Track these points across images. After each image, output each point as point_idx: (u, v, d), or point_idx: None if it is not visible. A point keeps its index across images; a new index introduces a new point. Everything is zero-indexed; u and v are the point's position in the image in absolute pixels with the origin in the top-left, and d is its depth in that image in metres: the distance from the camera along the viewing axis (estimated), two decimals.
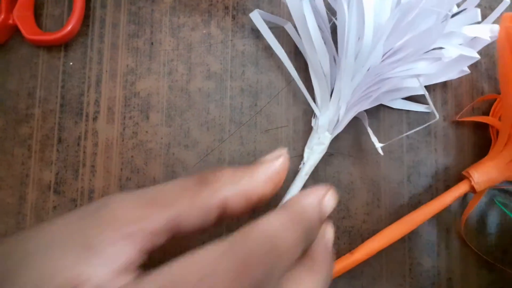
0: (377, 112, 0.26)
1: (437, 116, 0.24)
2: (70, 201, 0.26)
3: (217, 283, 0.15)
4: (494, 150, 0.24)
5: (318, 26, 0.23)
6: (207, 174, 0.18)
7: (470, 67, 0.26)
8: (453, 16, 0.21)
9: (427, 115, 0.26)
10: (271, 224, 0.17)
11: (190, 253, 0.15)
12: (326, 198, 0.19)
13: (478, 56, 0.22)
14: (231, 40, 0.27)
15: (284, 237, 0.17)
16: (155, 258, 0.17)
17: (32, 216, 0.26)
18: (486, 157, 0.25)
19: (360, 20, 0.20)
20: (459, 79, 0.26)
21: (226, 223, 0.25)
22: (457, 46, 0.22)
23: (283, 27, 0.26)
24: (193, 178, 0.18)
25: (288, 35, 0.27)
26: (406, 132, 0.26)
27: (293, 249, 0.17)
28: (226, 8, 0.27)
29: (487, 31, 0.22)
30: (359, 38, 0.21)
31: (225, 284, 0.15)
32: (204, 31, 0.27)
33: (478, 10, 0.22)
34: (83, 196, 0.26)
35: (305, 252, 0.19)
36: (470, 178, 0.24)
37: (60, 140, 0.27)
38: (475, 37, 0.22)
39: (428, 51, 0.22)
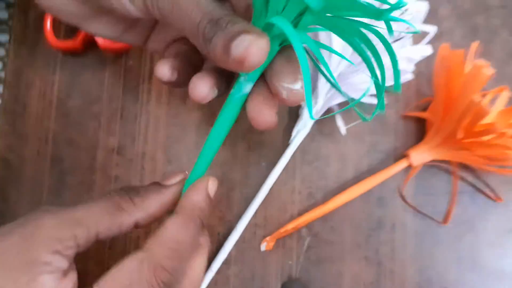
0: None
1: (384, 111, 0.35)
2: (128, 160, 0.37)
3: (141, 286, 0.21)
4: (427, 138, 0.35)
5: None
6: (123, 202, 0.23)
7: (417, 73, 0.37)
8: (395, 41, 0.32)
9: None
10: (169, 231, 0.22)
11: (115, 266, 0.21)
12: (209, 188, 0.25)
13: (409, 71, 0.33)
14: None
15: (183, 238, 0.22)
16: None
17: (101, 169, 0.37)
18: (421, 142, 0.35)
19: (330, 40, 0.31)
20: (408, 83, 0.37)
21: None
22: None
23: None
24: (112, 203, 0.23)
25: None
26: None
27: (192, 242, 0.23)
28: None
29: (418, 52, 0.33)
30: (330, 54, 0.32)
31: (147, 285, 0.21)
32: None
33: (410, 39, 0.33)
34: (138, 157, 0.37)
35: None
36: (409, 157, 0.35)
37: (121, 117, 0.37)
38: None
39: None
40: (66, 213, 0.22)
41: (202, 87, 0.23)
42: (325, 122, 0.37)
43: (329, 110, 0.36)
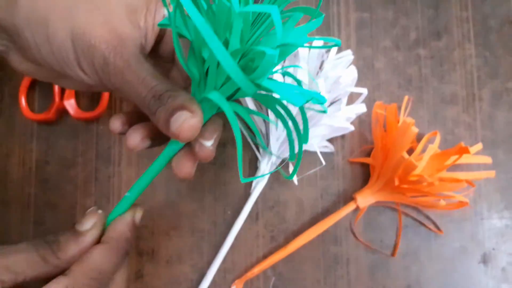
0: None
1: (333, 149, 0.39)
2: None
3: None
4: (371, 182, 0.40)
5: (257, 105, 0.38)
6: (47, 255, 0.24)
7: (359, 124, 0.41)
8: (330, 105, 0.37)
9: (332, 155, 0.41)
10: (94, 259, 0.24)
11: None
12: (136, 217, 0.27)
13: (351, 127, 0.38)
14: None
15: (106, 267, 0.24)
16: None
17: None
18: (366, 186, 0.40)
19: None
20: (352, 132, 0.41)
21: None
22: (336, 120, 0.37)
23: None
24: (38, 255, 0.24)
25: None
26: (319, 167, 0.41)
27: (115, 270, 0.25)
28: None
29: (354, 111, 0.37)
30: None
31: None
32: None
33: (343, 104, 0.37)
34: None
35: None
36: (356, 200, 0.39)
37: (96, 179, 0.41)
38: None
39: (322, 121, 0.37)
40: None
41: (134, 138, 0.26)
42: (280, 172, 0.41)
43: (283, 161, 0.40)
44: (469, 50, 0.43)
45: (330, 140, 0.41)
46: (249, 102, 0.38)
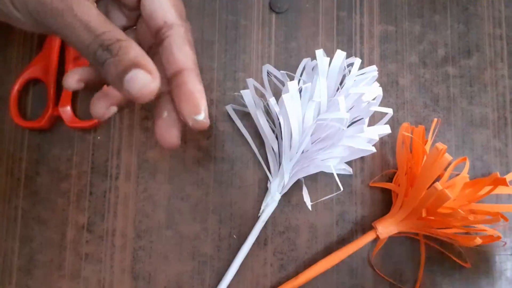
0: (316, 176, 0.38)
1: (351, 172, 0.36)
2: (99, 237, 0.37)
3: None
4: (393, 210, 0.36)
5: (268, 120, 0.35)
6: None
7: (380, 146, 0.38)
8: (349, 126, 0.33)
9: (350, 178, 0.38)
10: None
11: None
12: None
13: (373, 150, 0.34)
14: (215, 123, 0.39)
15: None
16: None
17: (71, 247, 0.36)
18: (387, 215, 0.36)
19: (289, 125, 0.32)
20: (373, 154, 0.38)
21: None
22: (357, 141, 0.34)
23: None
24: None
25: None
26: (336, 190, 0.38)
27: None
28: (211, 100, 0.39)
29: (377, 132, 0.34)
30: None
31: None
32: None
33: (365, 124, 0.34)
34: (108, 234, 0.37)
35: None
36: (376, 229, 0.35)
37: (91, 193, 0.37)
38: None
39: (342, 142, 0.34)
40: None
41: (99, 107, 0.25)
42: (293, 194, 0.37)
43: (298, 183, 0.37)
44: (501, 70, 0.40)
45: (349, 162, 0.38)
46: (260, 117, 0.35)
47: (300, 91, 0.33)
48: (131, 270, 0.36)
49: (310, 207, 0.36)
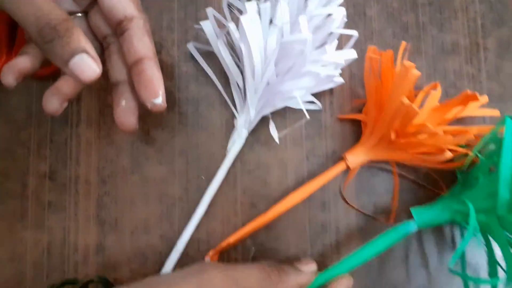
0: (285, 113, 0.37)
1: (320, 106, 0.34)
2: (62, 185, 0.35)
3: None
4: (363, 139, 0.35)
5: (232, 54, 0.33)
6: (273, 274, 0.28)
7: (349, 78, 0.37)
8: (317, 48, 0.32)
9: (319, 113, 0.37)
10: None
11: None
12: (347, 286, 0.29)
13: (340, 79, 0.33)
14: (178, 64, 0.37)
15: None
16: None
17: (33, 197, 0.35)
18: (357, 144, 0.35)
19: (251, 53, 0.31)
20: (342, 86, 0.37)
21: None
22: (323, 68, 0.32)
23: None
24: (265, 272, 0.28)
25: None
26: (306, 127, 0.36)
27: None
28: (173, 40, 0.37)
29: (343, 57, 0.32)
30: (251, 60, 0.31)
31: None
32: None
33: (334, 44, 0.32)
34: (71, 181, 0.35)
35: None
36: (346, 160, 0.34)
37: (52, 141, 0.36)
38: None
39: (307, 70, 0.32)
40: (230, 271, 0.27)
41: (53, 104, 0.27)
42: (261, 131, 0.36)
43: (266, 121, 0.36)
44: None
45: (317, 97, 0.36)
46: (222, 50, 0.33)
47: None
48: (96, 216, 0.35)
49: (277, 141, 0.35)
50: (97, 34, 0.29)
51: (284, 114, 0.37)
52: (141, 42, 0.26)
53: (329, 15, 0.32)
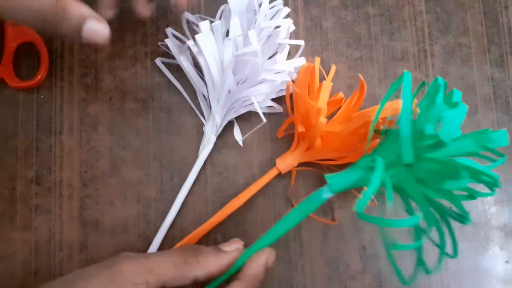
0: (250, 118, 0.40)
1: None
2: (47, 189, 0.39)
3: None
4: (292, 146, 0.38)
5: (196, 66, 0.37)
6: (189, 258, 0.28)
7: None
8: (269, 58, 0.36)
9: (281, 117, 0.40)
10: None
11: None
12: (269, 260, 0.29)
13: (289, 79, 0.37)
14: (151, 75, 0.41)
15: None
16: None
17: (21, 200, 0.39)
18: (287, 151, 0.38)
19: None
20: None
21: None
22: (277, 75, 0.36)
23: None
24: (180, 257, 0.27)
25: None
26: (270, 131, 0.40)
27: None
28: (146, 54, 0.41)
29: (293, 65, 0.36)
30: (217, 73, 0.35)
31: None
32: (132, 70, 0.41)
33: (284, 57, 0.36)
34: (55, 185, 0.39)
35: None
36: (277, 165, 0.37)
37: (37, 149, 0.39)
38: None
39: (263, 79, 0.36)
40: (142, 261, 0.26)
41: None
42: (228, 135, 0.40)
43: (231, 123, 0.39)
44: (419, 6, 0.42)
45: (279, 101, 0.40)
46: (185, 64, 0.37)
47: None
48: (79, 217, 0.39)
49: (241, 143, 0.39)
50: None
51: (249, 119, 0.40)
52: None
53: (278, 26, 0.36)
